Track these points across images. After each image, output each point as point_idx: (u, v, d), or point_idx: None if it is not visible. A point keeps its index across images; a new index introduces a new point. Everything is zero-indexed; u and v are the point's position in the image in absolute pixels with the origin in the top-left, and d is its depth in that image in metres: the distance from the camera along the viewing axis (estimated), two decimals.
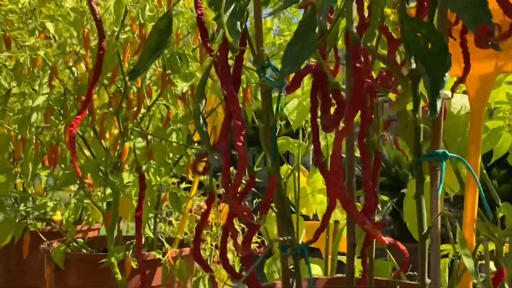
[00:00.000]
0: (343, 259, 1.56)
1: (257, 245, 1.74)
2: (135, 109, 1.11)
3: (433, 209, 0.58)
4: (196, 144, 1.21)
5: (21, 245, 1.24)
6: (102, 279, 1.03)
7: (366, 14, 0.68)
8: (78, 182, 1.11)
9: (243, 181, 0.59)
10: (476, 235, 0.63)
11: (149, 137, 1.10)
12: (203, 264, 0.67)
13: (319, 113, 0.64)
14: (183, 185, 1.47)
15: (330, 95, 0.62)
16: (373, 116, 0.69)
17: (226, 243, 0.60)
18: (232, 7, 0.58)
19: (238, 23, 0.58)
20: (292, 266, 0.68)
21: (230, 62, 0.66)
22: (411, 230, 1.10)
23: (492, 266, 0.57)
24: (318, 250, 1.64)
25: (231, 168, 1.45)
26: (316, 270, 1.51)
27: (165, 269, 1.05)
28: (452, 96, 0.63)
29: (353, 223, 0.77)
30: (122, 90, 1.09)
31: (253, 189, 0.64)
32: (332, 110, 0.67)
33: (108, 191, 0.90)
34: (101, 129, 1.07)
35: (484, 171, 0.99)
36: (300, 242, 1.63)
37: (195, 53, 1.07)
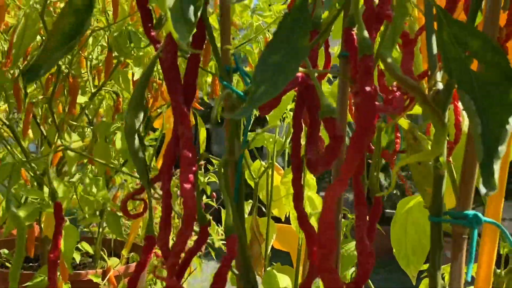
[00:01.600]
0: None
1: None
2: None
3: None
4: (151, 139, 1.01)
5: None
6: None
7: None
8: None
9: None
10: None
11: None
12: None
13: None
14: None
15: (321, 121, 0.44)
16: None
17: None
18: None
19: (192, 8, 0.38)
20: None
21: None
22: (400, 259, 0.94)
23: None
24: (289, 255, 1.49)
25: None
26: (285, 281, 1.36)
27: None
28: None
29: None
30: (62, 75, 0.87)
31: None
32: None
33: (23, 211, 0.70)
34: (26, 123, 0.86)
35: None
36: (270, 247, 1.47)
37: None
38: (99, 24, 0.85)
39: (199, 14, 0.39)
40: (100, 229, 0.97)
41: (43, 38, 0.90)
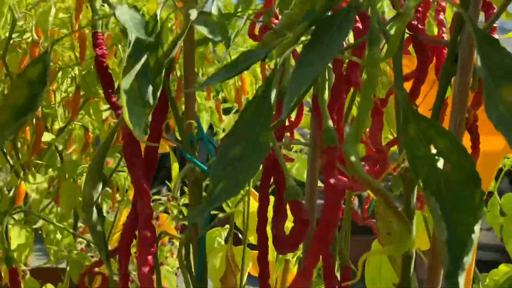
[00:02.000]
0: None
1: None
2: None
3: None
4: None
5: None
6: None
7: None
8: None
9: None
10: None
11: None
12: None
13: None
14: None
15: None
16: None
17: None
18: (142, 61, 0.36)
19: (150, 88, 0.36)
20: None
21: None
22: None
23: None
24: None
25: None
26: None
27: None
28: None
29: None
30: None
31: None
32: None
33: None
34: None
35: None
36: (245, 277, 1.45)
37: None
38: (66, 59, 0.82)
39: (158, 93, 0.37)
40: (68, 268, 0.94)
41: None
